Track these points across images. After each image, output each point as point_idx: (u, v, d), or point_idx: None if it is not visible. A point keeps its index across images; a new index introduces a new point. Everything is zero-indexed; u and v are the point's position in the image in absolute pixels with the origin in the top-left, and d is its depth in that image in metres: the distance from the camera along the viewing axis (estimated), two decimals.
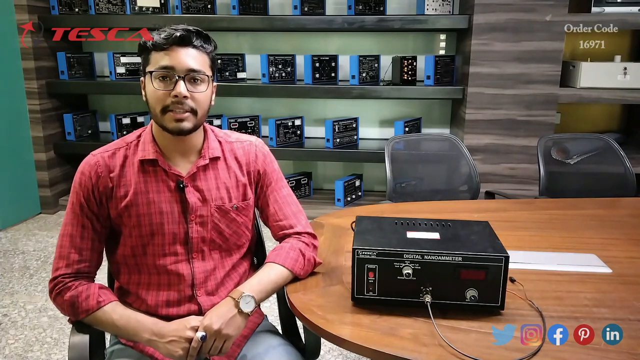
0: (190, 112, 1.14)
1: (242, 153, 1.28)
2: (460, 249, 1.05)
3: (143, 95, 1.18)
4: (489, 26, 3.04)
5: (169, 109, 1.13)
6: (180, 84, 1.11)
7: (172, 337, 1.09)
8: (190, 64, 1.12)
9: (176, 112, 1.12)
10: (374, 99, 3.65)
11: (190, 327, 1.10)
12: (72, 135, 3.67)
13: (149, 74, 1.13)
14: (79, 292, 1.14)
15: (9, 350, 2.10)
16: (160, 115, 1.14)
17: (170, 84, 1.12)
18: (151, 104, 1.15)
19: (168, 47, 1.12)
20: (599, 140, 2.26)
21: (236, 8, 3.30)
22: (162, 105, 1.13)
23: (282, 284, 1.20)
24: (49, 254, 3.00)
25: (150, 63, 1.14)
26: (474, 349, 0.93)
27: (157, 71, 1.12)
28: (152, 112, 1.16)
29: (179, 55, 1.12)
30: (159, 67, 1.12)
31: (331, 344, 1.48)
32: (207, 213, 1.20)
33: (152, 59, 1.14)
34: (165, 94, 1.12)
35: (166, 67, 1.12)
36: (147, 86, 1.16)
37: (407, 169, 2.22)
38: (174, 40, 1.11)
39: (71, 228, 1.17)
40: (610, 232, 1.57)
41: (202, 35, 1.16)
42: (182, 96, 1.11)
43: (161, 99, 1.12)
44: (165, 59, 1.12)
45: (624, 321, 1.03)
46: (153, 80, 1.13)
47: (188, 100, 1.12)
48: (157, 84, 1.12)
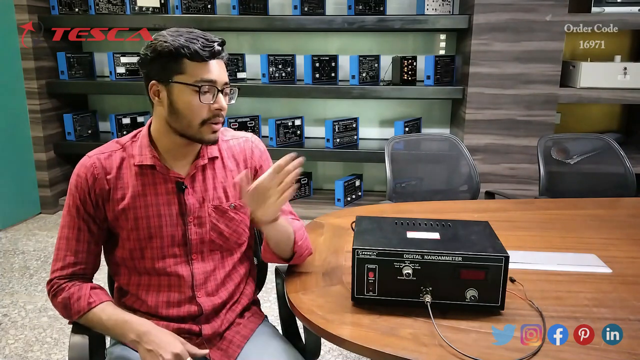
0: (221, 123, 1.16)
1: (239, 150, 1.27)
2: (460, 249, 1.04)
3: (157, 101, 1.14)
4: (489, 26, 3.04)
5: (209, 122, 1.13)
6: (221, 97, 1.13)
7: (152, 348, 1.07)
8: (225, 78, 1.14)
9: (215, 124, 1.14)
10: (374, 99, 3.65)
11: (172, 352, 1.06)
12: (72, 135, 3.68)
13: (187, 85, 1.10)
14: (71, 293, 1.14)
15: (9, 350, 2.10)
16: (198, 127, 1.13)
17: (210, 97, 1.12)
18: (187, 115, 1.12)
19: (208, 59, 1.10)
20: (599, 140, 2.26)
21: (236, 8, 3.30)
22: (202, 118, 1.12)
23: (285, 243, 1.20)
24: (49, 254, 3.00)
25: (184, 72, 1.10)
26: (474, 349, 0.93)
27: (203, 85, 1.10)
28: (184, 122, 1.12)
29: (216, 68, 1.12)
30: (203, 80, 1.10)
31: (331, 344, 1.48)
32: (204, 214, 1.20)
33: (188, 69, 1.10)
34: (207, 107, 1.12)
35: (210, 81, 1.10)
36: (178, 96, 1.11)
37: (407, 169, 2.22)
38: (215, 54, 1.11)
39: (67, 231, 1.17)
40: (610, 232, 1.57)
41: (224, 44, 1.16)
42: (224, 109, 1.13)
43: (201, 112, 1.12)
44: (206, 72, 1.10)
45: (624, 321, 1.03)
46: (197, 92, 1.10)
47: (223, 112, 1.14)
48: (202, 98, 1.10)
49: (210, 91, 1.11)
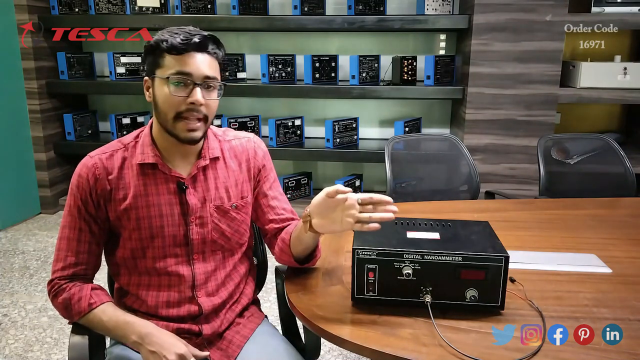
0: (203, 120, 1.13)
1: (241, 150, 1.27)
2: (460, 249, 1.05)
3: (147, 96, 1.16)
4: (489, 26, 3.04)
5: (182, 116, 1.11)
6: (197, 91, 1.10)
7: (156, 350, 1.07)
8: (206, 71, 1.11)
9: (190, 121, 1.11)
10: (374, 99, 3.65)
11: (176, 353, 1.07)
12: (72, 135, 3.67)
13: (163, 79, 1.10)
14: (72, 294, 1.14)
15: (9, 350, 2.10)
16: (172, 122, 1.12)
17: (186, 90, 1.10)
18: (163, 109, 1.12)
19: (185, 52, 1.09)
20: (599, 140, 2.26)
21: (236, 8, 3.30)
22: (176, 111, 1.11)
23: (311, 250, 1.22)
24: (49, 254, 3.00)
25: (163, 66, 1.11)
26: (474, 349, 0.93)
27: (173, 76, 1.09)
28: (162, 116, 1.13)
29: (195, 61, 1.10)
30: (175, 72, 1.09)
31: (331, 344, 1.48)
32: (206, 214, 1.20)
33: (166, 62, 1.10)
34: (180, 100, 1.10)
35: (184, 73, 1.09)
36: (158, 89, 1.12)
37: (407, 169, 2.22)
38: (193, 46, 1.09)
39: (68, 231, 1.17)
40: (610, 232, 1.57)
41: (216, 41, 1.14)
42: (199, 104, 1.10)
43: (175, 105, 1.10)
44: (182, 65, 1.09)
45: (624, 321, 1.03)
46: (169, 85, 1.10)
47: (202, 107, 1.11)
48: (173, 90, 1.10)
49: (185, 84, 1.10)
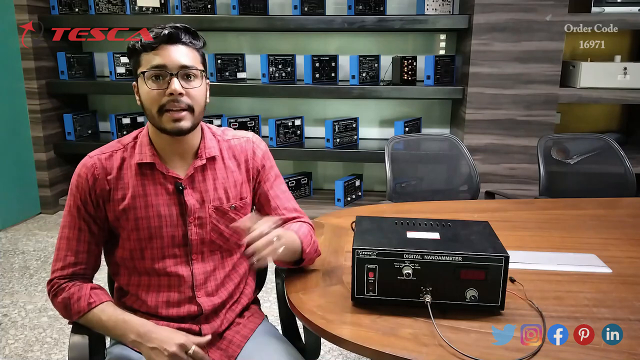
0: (187, 110, 1.12)
1: (240, 150, 1.27)
2: (460, 249, 1.04)
3: (137, 100, 1.16)
4: (489, 26, 3.04)
5: (165, 109, 1.11)
6: (175, 81, 1.10)
7: (156, 345, 1.08)
8: (181, 61, 1.11)
9: (173, 112, 1.11)
10: (374, 99, 3.64)
11: (177, 344, 1.08)
12: (72, 135, 3.67)
13: (142, 75, 1.12)
14: (71, 293, 1.14)
15: (9, 350, 2.10)
16: (157, 117, 1.12)
17: (163, 83, 1.11)
18: (146, 106, 1.13)
19: (157, 46, 1.10)
20: (599, 140, 2.26)
21: (236, 8, 3.30)
22: (158, 105, 1.11)
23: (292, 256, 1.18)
24: (49, 254, 3.00)
25: (141, 64, 1.12)
26: (474, 349, 0.93)
27: (149, 71, 1.10)
28: (148, 114, 1.14)
29: (169, 53, 1.11)
30: (150, 66, 1.10)
31: (331, 344, 1.48)
32: (205, 215, 1.20)
33: (143, 60, 1.12)
34: (160, 93, 1.11)
35: (158, 66, 1.10)
36: (140, 89, 1.14)
37: (407, 169, 2.22)
38: (163, 39, 1.10)
39: (68, 231, 1.17)
40: (610, 232, 1.57)
41: (190, 31, 1.15)
42: (178, 93, 1.10)
43: (156, 99, 1.11)
44: (156, 59, 1.10)
45: (624, 321, 1.03)
46: (146, 80, 1.11)
47: (184, 98, 1.11)
48: (150, 84, 1.11)
49: (163, 76, 1.11)
